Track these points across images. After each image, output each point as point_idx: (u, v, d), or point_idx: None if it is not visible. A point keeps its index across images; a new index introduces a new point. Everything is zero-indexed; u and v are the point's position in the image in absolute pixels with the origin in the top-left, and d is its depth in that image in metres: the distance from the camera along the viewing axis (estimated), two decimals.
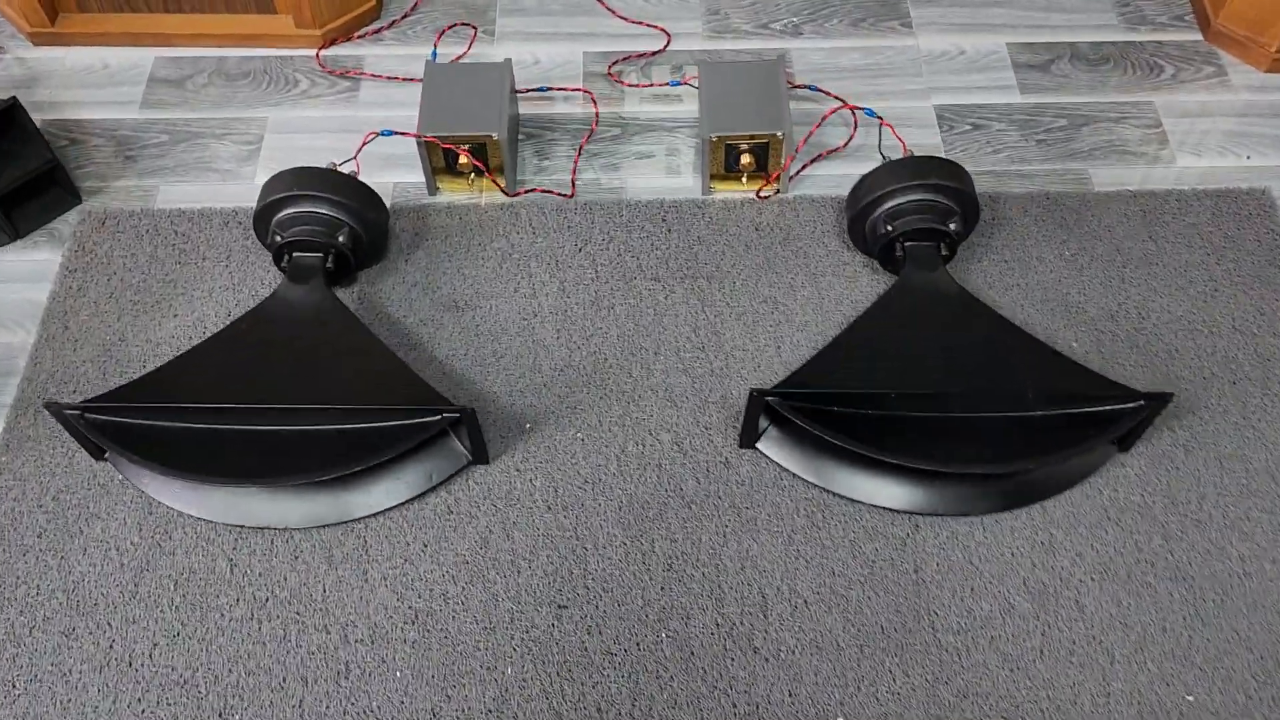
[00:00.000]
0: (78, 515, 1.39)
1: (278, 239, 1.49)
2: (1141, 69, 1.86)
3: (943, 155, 1.74)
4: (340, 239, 1.49)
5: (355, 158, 1.57)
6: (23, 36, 1.89)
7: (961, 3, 1.96)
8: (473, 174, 1.65)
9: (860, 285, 1.59)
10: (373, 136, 1.59)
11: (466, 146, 1.62)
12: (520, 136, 1.77)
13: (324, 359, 1.40)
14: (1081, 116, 1.80)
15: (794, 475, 1.41)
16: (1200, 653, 1.29)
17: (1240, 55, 1.86)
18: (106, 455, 1.41)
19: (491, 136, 1.60)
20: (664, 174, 1.72)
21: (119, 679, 1.28)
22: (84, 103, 1.82)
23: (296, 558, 1.36)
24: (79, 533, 1.38)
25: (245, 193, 1.70)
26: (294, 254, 1.49)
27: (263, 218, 1.51)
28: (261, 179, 1.72)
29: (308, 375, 1.38)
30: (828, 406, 1.35)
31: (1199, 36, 1.90)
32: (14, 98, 1.54)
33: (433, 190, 1.69)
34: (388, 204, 1.68)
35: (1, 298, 1.59)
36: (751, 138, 1.62)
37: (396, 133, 1.61)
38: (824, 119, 1.75)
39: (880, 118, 1.69)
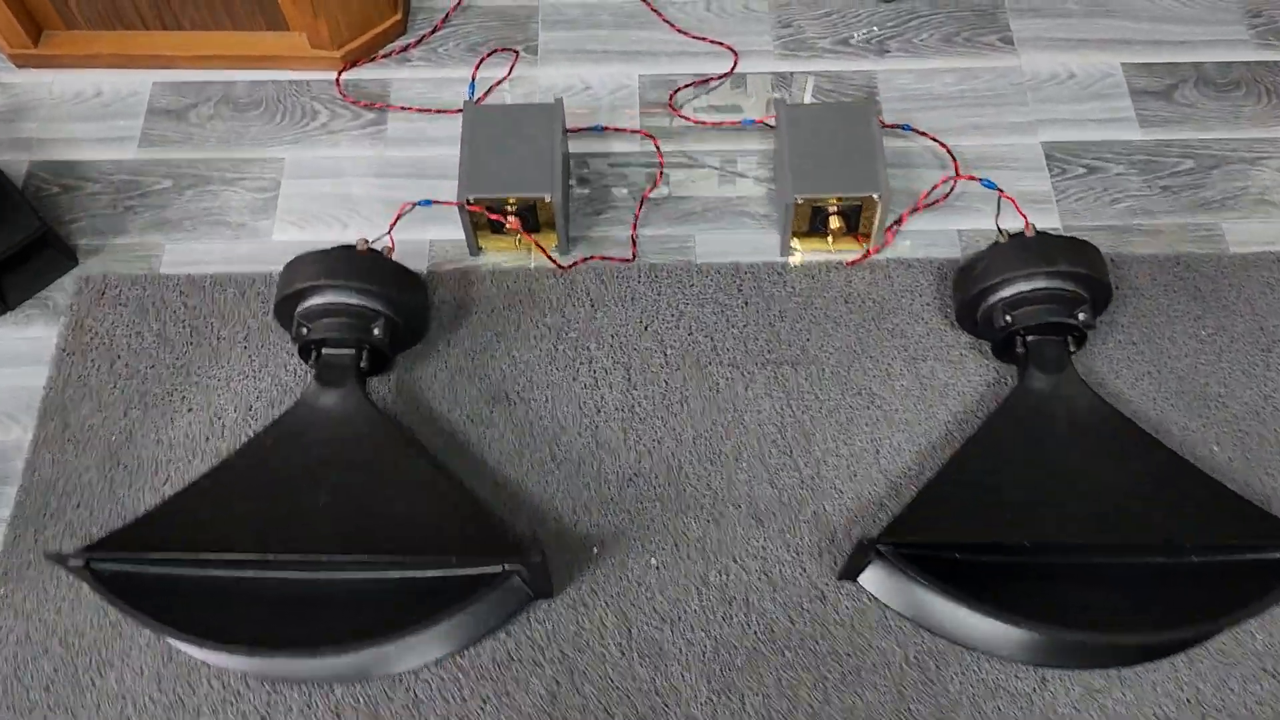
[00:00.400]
0: (89, 663, 1.21)
1: (304, 331, 1.28)
2: (1278, 96, 1.60)
3: (1055, 206, 1.50)
4: (375, 332, 1.28)
5: (389, 233, 1.34)
6: (3, 58, 1.64)
7: (1066, 13, 1.69)
8: (520, 237, 1.42)
9: (967, 373, 1.37)
10: (408, 208, 1.36)
11: (514, 209, 1.38)
12: (571, 182, 1.53)
13: (363, 485, 1.20)
14: (1211, 157, 1.55)
15: (901, 615, 1.22)
16: None
17: None
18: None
19: (544, 199, 1.37)
20: (738, 227, 1.49)
21: None
22: (76, 140, 1.58)
23: (339, 716, 1.18)
24: (90, 685, 1.20)
25: (261, 252, 1.48)
26: (323, 350, 1.28)
27: (285, 306, 1.29)
28: (280, 235, 1.49)
29: (345, 508, 1.18)
30: (948, 554, 1.15)
31: None
32: None
33: (475, 251, 1.46)
34: (424, 266, 1.45)
35: None
36: (841, 200, 1.38)
37: (436, 202, 1.38)
38: (934, 188, 1.50)
39: (1000, 190, 1.45)
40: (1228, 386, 1.36)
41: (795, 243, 1.46)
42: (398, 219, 1.35)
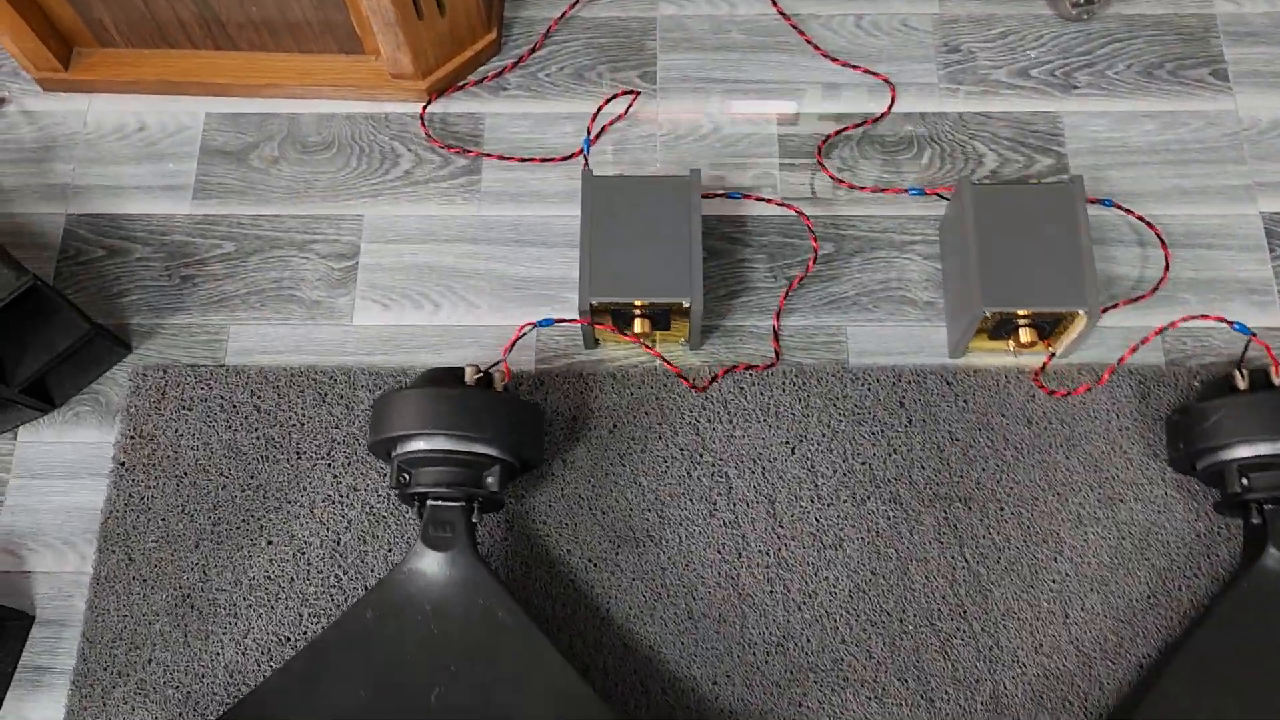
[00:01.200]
0: None
1: (405, 479, 1.07)
2: None
3: (1277, 297, 1.25)
4: (489, 480, 1.07)
5: (503, 361, 1.11)
6: (30, 79, 1.38)
7: None
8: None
9: (1174, 520, 1.16)
10: (528, 329, 1.12)
11: (642, 311, 1.15)
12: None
13: (480, 676, 1.02)
14: None
15: None
16: None
17: None
18: None
19: (682, 304, 1.13)
20: (898, 318, 1.25)
21: None
22: (120, 187, 1.34)
23: None
24: None
25: (342, 340, 1.26)
26: (429, 503, 1.07)
27: (382, 446, 1.09)
28: (361, 318, 1.27)
29: (464, 698, 1.01)
30: None
31: None
32: (32, 278, 1.08)
33: (590, 344, 1.23)
34: (531, 359, 1.23)
35: (44, 504, 1.20)
36: (1039, 314, 1.14)
37: (559, 320, 1.14)
38: (1166, 328, 1.23)
39: (1253, 334, 1.18)
40: None
41: (970, 347, 1.22)
42: (514, 343, 1.12)
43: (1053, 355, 1.20)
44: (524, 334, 1.11)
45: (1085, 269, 1.12)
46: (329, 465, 1.19)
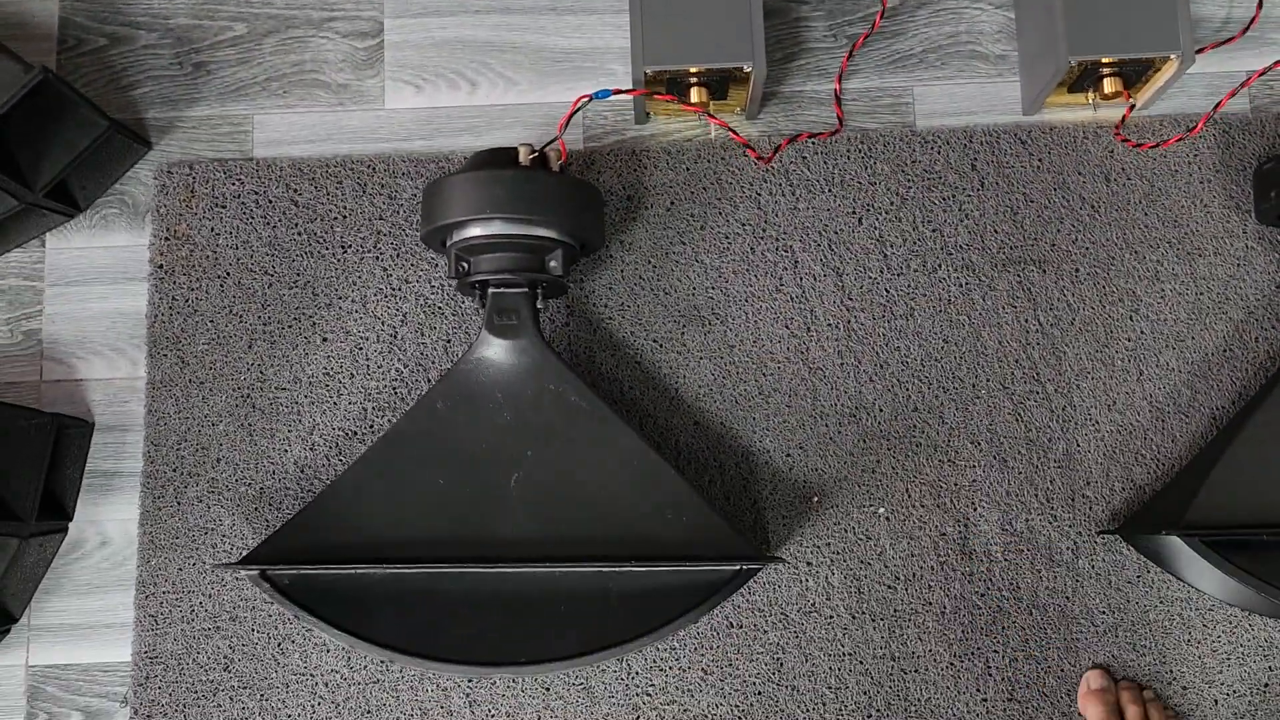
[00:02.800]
0: (268, 640, 1.15)
1: (464, 267, 1.09)
2: None
3: None
4: (552, 264, 1.09)
5: (559, 138, 1.10)
6: None
7: None
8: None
9: (1254, 272, 1.19)
10: (585, 101, 1.10)
11: (699, 80, 1.14)
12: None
13: (559, 461, 1.07)
14: None
15: (1166, 572, 1.13)
16: None
17: None
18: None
19: (743, 69, 1.12)
20: (967, 74, 1.24)
21: None
22: None
23: (549, 690, 1.14)
24: (274, 663, 1.14)
25: (377, 125, 1.25)
26: (490, 290, 1.09)
27: (436, 235, 1.10)
28: (394, 100, 1.25)
29: (541, 490, 1.07)
30: (1256, 536, 1.04)
31: None
32: (43, 70, 1.05)
33: (641, 118, 1.23)
34: (579, 138, 1.23)
35: (85, 311, 1.22)
36: (1127, 60, 1.12)
37: (618, 91, 1.11)
38: (1270, 68, 1.20)
39: None
40: None
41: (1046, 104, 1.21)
42: (569, 117, 1.10)
43: (1133, 107, 1.19)
44: (580, 107, 1.10)
45: (1179, 7, 1.10)
46: (377, 258, 1.21)
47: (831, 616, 1.14)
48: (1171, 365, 1.18)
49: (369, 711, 1.13)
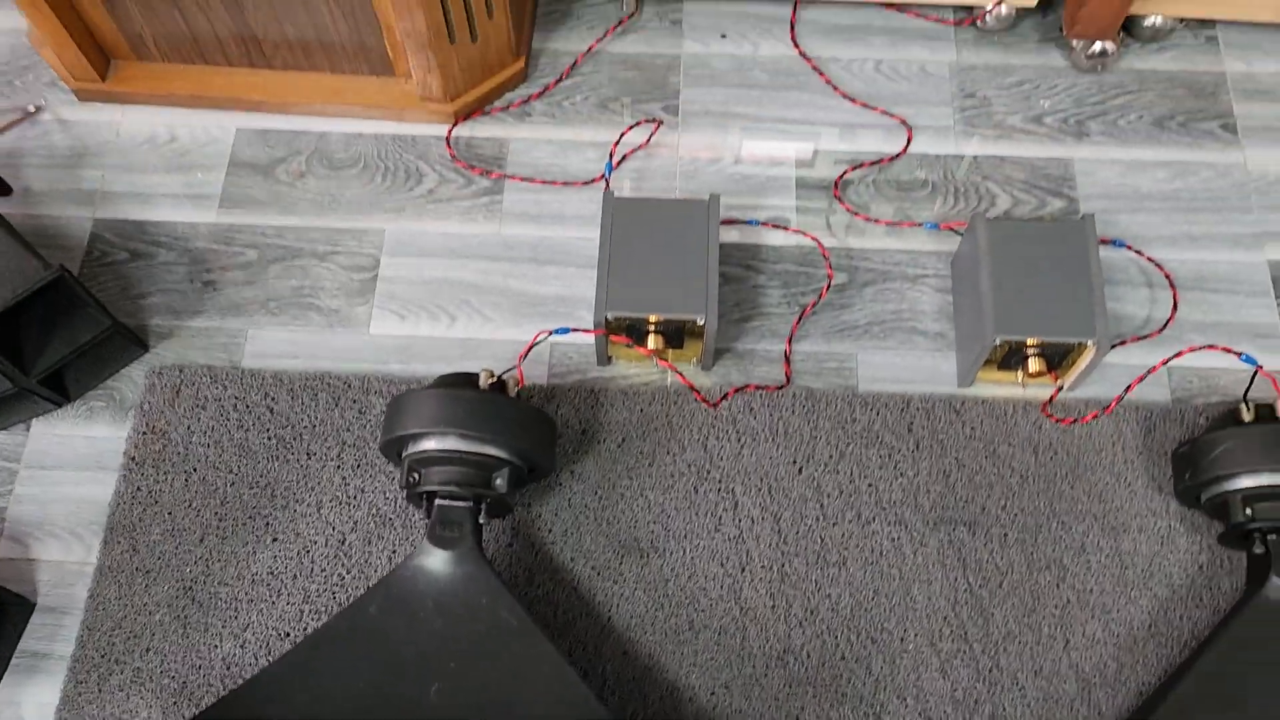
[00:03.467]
0: None
1: (415, 479, 1.17)
2: None
3: None
4: (498, 482, 1.16)
5: (518, 366, 1.22)
6: (67, 90, 1.53)
7: None
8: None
9: (1177, 551, 1.25)
10: (543, 336, 1.23)
11: (656, 328, 1.26)
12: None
13: (482, 671, 1.10)
14: None
15: None
16: None
17: None
18: None
19: (696, 321, 1.25)
20: (908, 347, 1.36)
21: None
22: (148, 195, 1.47)
23: None
24: None
25: (358, 348, 1.37)
26: (437, 501, 1.17)
27: (395, 445, 1.19)
28: (378, 327, 1.38)
29: (462, 695, 1.09)
30: None
31: None
32: (61, 268, 1.20)
33: (604, 361, 1.34)
34: (544, 374, 1.34)
35: (52, 494, 1.29)
36: (1047, 343, 1.24)
37: (575, 330, 1.25)
38: (1173, 357, 1.35)
39: (1259, 366, 1.29)
40: None
41: (979, 378, 1.33)
42: (529, 350, 1.23)
43: (1061, 388, 1.30)
44: (539, 341, 1.22)
45: (1096, 301, 1.23)
46: (338, 467, 1.29)
47: None
48: (1098, 637, 1.21)
49: None
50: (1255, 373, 1.27)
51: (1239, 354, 1.30)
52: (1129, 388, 1.31)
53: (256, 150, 1.50)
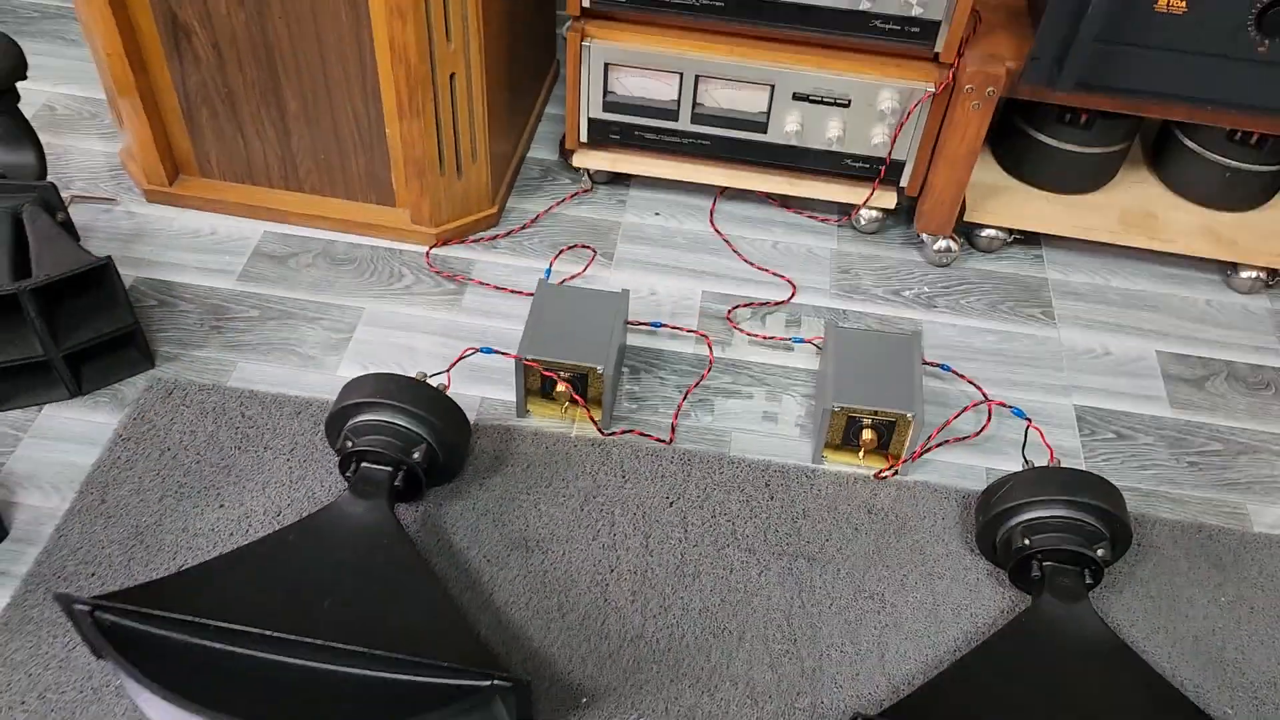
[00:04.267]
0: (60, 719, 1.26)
1: (348, 444, 1.42)
2: None
3: (1083, 463, 1.63)
4: (415, 455, 1.41)
5: (448, 371, 1.51)
6: (139, 192, 1.93)
7: (1108, 301, 1.90)
8: (568, 404, 1.59)
9: (983, 598, 1.45)
10: (471, 351, 1.54)
11: (566, 375, 1.56)
12: (624, 369, 1.71)
13: (372, 591, 1.30)
14: (1239, 444, 1.69)
15: None
16: None
17: None
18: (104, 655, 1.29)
19: (596, 369, 1.54)
20: (775, 435, 1.64)
21: None
22: (183, 265, 1.82)
23: None
24: None
25: (325, 383, 1.65)
26: (362, 464, 1.41)
27: (337, 419, 1.45)
28: (345, 370, 1.67)
29: (351, 612, 1.27)
30: None
31: None
32: (109, 257, 1.53)
33: (522, 412, 1.62)
34: (472, 419, 1.61)
35: (46, 457, 1.53)
36: (877, 414, 1.53)
37: (496, 351, 1.56)
38: (965, 410, 1.66)
39: (1029, 419, 1.59)
40: (1245, 654, 1.42)
41: (827, 454, 1.60)
42: (458, 360, 1.53)
43: (894, 466, 1.57)
44: (467, 355, 1.52)
45: (915, 388, 1.54)
46: (288, 459, 1.54)
47: None
48: (909, 654, 1.39)
49: None
50: (1027, 426, 1.54)
51: (1010, 407, 1.58)
52: (930, 447, 1.57)
53: (276, 246, 1.87)
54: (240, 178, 1.91)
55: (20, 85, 1.74)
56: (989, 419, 1.67)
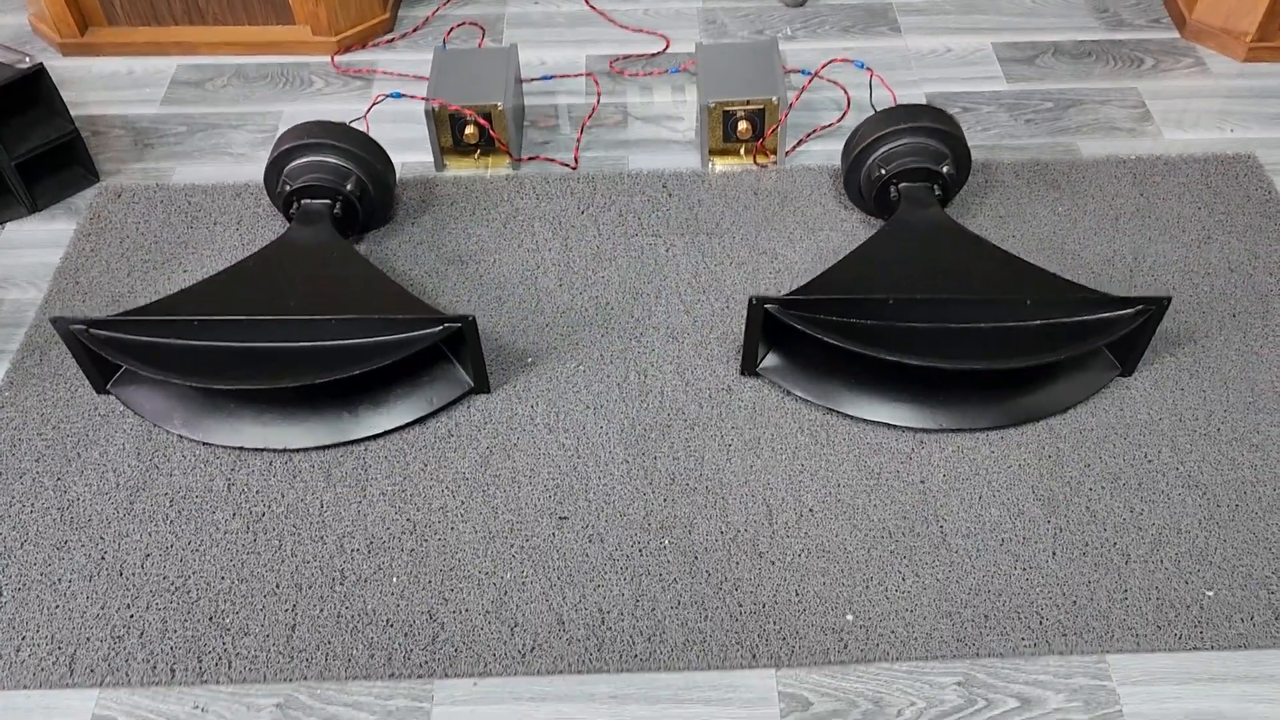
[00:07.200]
0: (76, 442, 1.42)
1: (287, 188, 1.58)
2: (1123, 61, 1.99)
3: None
4: (349, 186, 1.58)
5: (365, 116, 1.67)
6: (53, 49, 2.05)
7: (946, 10, 2.11)
8: (479, 150, 1.76)
9: (858, 238, 1.66)
10: (382, 98, 1.71)
11: (473, 120, 1.73)
12: (525, 123, 1.89)
13: (329, 289, 1.47)
14: (1068, 100, 1.91)
15: (797, 398, 1.44)
16: (1218, 552, 1.29)
17: (1217, 47, 1.99)
18: (109, 387, 1.45)
19: (497, 106, 1.72)
20: (667, 151, 1.82)
21: (109, 587, 1.29)
22: (107, 102, 1.95)
23: (295, 476, 1.39)
24: (76, 457, 1.41)
25: (257, 172, 1.80)
26: (302, 201, 1.58)
27: (275, 168, 1.61)
28: None
29: (313, 300, 1.44)
30: (828, 315, 1.40)
31: (1176, 35, 2.04)
32: (40, 64, 1.66)
33: (440, 166, 1.79)
34: (399, 178, 1.77)
35: (17, 261, 1.67)
36: (748, 104, 1.72)
37: (405, 95, 1.72)
38: (819, 71, 1.86)
39: (870, 69, 1.80)
40: (1082, 243, 1.65)
41: (714, 159, 1.79)
42: (372, 106, 1.69)
43: (763, 145, 1.77)
44: (379, 101, 1.68)
45: (776, 78, 1.73)
46: (237, 228, 1.70)
47: (532, 430, 1.43)
48: (796, 273, 1.60)
49: (143, 488, 1.38)
50: (870, 77, 1.75)
51: (853, 61, 1.79)
52: (800, 142, 1.78)
53: (191, 74, 2.00)
54: (146, 20, 2.03)
55: None
56: (848, 108, 1.87)
